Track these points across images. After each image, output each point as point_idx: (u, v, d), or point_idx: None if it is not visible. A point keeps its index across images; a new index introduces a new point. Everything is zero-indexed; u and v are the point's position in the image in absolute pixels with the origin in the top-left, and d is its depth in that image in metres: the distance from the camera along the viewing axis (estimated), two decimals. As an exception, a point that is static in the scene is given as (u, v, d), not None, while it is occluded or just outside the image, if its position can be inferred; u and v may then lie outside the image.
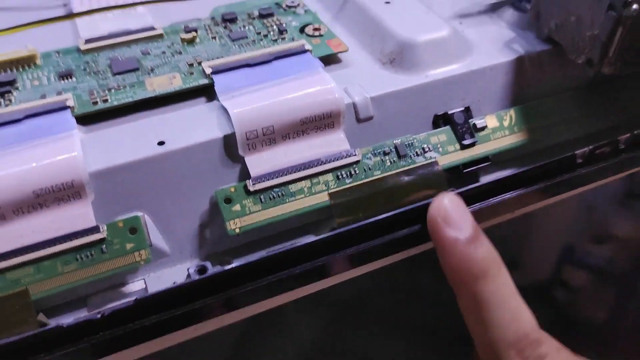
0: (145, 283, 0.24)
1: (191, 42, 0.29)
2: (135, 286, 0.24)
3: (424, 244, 0.25)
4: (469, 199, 0.25)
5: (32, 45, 0.28)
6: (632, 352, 0.54)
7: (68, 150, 0.23)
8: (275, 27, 0.30)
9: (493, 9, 0.31)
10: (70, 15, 0.29)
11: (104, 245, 0.22)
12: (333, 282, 0.25)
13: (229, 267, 0.22)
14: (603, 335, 0.54)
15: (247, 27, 0.30)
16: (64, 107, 0.25)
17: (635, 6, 0.24)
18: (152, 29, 0.30)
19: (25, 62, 0.28)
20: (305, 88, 0.25)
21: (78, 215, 0.22)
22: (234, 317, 0.23)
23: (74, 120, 0.24)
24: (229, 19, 0.30)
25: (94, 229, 0.22)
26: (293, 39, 0.29)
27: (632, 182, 0.75)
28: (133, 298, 0.21)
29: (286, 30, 0.29)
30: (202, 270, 0.22)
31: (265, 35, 0.29)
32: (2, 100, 0.25)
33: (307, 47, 0.28)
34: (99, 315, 0.21)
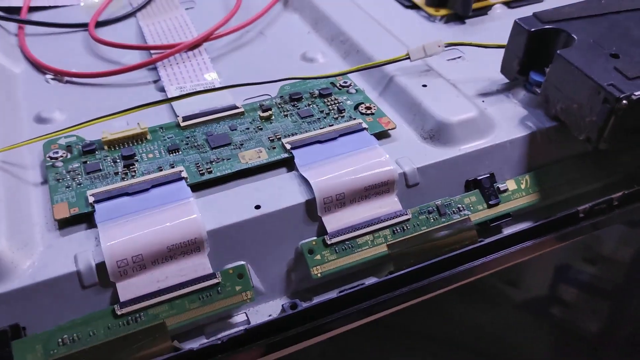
0: (246, 315, 0.30)
1: (268, 119, 0.36)
2: (240, 318, 0.30)
3: (459, 283, 0.32)
4: (494, 247, 0.33)
5: (137, 122, 0.35)
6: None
7: (190, 214, 0.29)
8: (335, 106, 0.37)
9: (508, 88, 0.39)
10: (169, 99, 0.36)
11: (219, 288, 0.29)
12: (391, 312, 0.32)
13: (313, 303, 0.29)
14: (596, 346, 0.60)
15: (311, 106, 0.37)
16: (180, 178, 0.31)
17: (624, 102, 0.31)
18: (235, 107, 0.37)
19: (139, 138, 0.35)
20: (367, 161, 0.32)
21: (199, 265, 0.29)
22: (316, 340, 0.30)
23: (189, 189, 0.31)
24: (296, 98, 0.37)
25: (211, 275, 0.29)
26: (350, 117, 0.36)
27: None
28: (242, 328, 0.28)
29: (344, 109, 0.36)
30: (293, 306, 0.29)
31: (328, 114, 0.36)
32: (128, 171, 0.32)
33: (364, 125, 0.35)
34: (219, 342, 0.27)
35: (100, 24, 0.47)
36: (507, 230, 0.34)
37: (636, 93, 0.31)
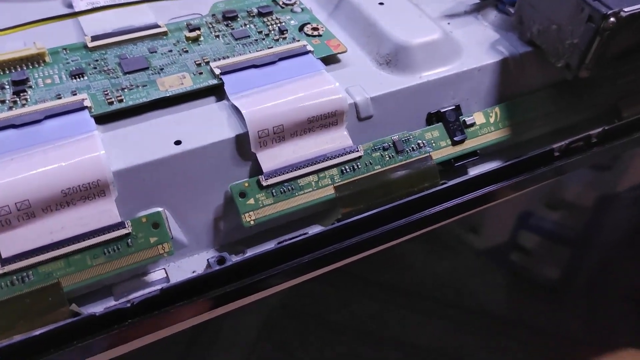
0: (166, 272, 0.25)
1: (196, 40, 0.30)
2: (157, 275, 0.25)
3: (417, 232, 0.28)
4: (458, 191, 0.28)
5: (37, 41, 0.29)
6: (582, 307, 0.58)
7: (92, 151, 0.24)
8: (276, 26, 0.31)
9: (478, 9, 0.34)
10: (73, 14, 0.30)
11: (130, 240, 0.24)
12: (336, 267, 0.27)
13: (245, 257, 0.25)
14: (556, 293, 0.59)
15: (248, 26, 0.31)
16: (82, 108, 0.26)
17: (612, 19, 0.26)
18: (157, 26, 0.31)
19: (35, 60, 0.28)
20: (312, 89, 0.27)
21: (104, 212, 0.24)
22: (246, 301, 0.25)
23: (93, 121, 0.25)
24: (230, 17, 0.32)
25: (120, 225, 0.24)
26: (294, 39, 0.30)
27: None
28: (158, 287, 0.23)
29: (287, 30, 0.31)
30: (220, 260, 0.24)
31: (267, 35, 0.31)
32: (18, 99, 0.26)
33: (309, 48, 0.29)
34: (128, 305, 0.23)
35: None
36: (474, 171, 0.30)
37: (626, 9, 0.26)
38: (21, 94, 0.27)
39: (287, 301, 0.29)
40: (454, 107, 0.29)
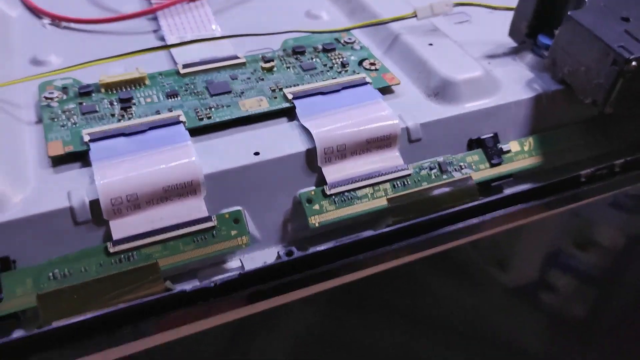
0: (241, 262, 0.30)
1: (270, 70, 0.35)
2: (234, 264, 0.30)
3: (458, 241, 0.32)
4: (494, 206, 0.32)
5: (138, 67, 0.34)
6: (611, 348, 0.60)
7: (188, 157, 0.29)
8: (339, 60, 0.36)
9: (515, 52, 0.38)
10: (168, 46, 0.35)
11: (215, 231, 0.28)
12: (387, 268, 0.31)
13: (309, 252, 0.29)
14: (585, 333, 0.60)
15: (314, 59, 0.36)
16: (178, 122, 0.31)
17: (634, 63, 0.30)
18: (236, 57, 0.36)
19: (137, 82, 0.34)
20: (370, 114, 0.31)
21: (195, 207, 0.29)
22: (311, 290, 0.30)
23: (187, 133, 0.30)
24: (298, 52, 0.37)
25: (207, 219, 0.28)
26: (354, 72, 0.35)
27: (615, 194, 0.82)
28: (237, 272, 0.28)
29: (348, 64, 0.36)
30: (289, 253, 0.29)
31: (331, 67, 0.35)
32: (125, 114, 0.32)
33: (368, 79, 0.34)
34: (212, 284, 0.27)
35: (100, -28, 0.46)
36: (508, 191, 0.34)
37: (646, 55, 0.30)
38: (127, 110, 0.32)
39: (339, 299, 0.33)
40: (492, 135, 0.34)
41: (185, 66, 0.35)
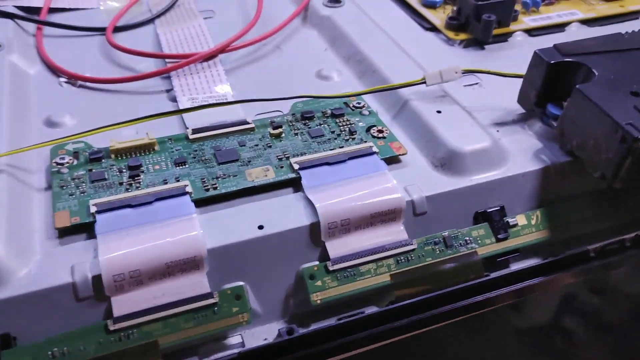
0: (242, 338, 0.30)
1: (278, 136, 0.35)
2: (234, 340, 0.30)
3: (463, 317, 0.31)
4: (500, 283, 0.32)
5: (146, 131, 0.35)
6: None
7: (192, 230, 0.29)
8: (347, 127, 0.36)
9: (524, 119, 0.38)
10: (179, 111, 0.36)
11: (216, 308, 0.28)
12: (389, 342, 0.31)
13: (310, 329, 0.29)
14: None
15: (322, 125, 0.36)
16: (184, 193, 0.31)
17: (642, 141, 0.30)
18: (246, 122, 0.36)
19: (147, 148, 0.34)
20: (375, 187, 0.31)
21: (197, 283, 0.29)
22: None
23: (193, 205, 0.30)
24: (307, 117, 0.37)
25: (209, 295, 0.28)
26: (361, 139, 0.35)
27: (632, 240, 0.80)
28: (236, 351, 0.28)
29: (356, 132, 0.36)
30: (290, 331, 0.29)
31: (339, 135, 0.36)
32: (132, 182, 0.32)
33: (374, 149, 0.34)
34: (211, 364, 0.27)
35: (118, 29, 0.47)
36: (515, 266, 0.33)
37: (655, 134, 0.30)
38: (135, 178, 0.32)
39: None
40: (499, 207, 0.33)
41: (194, 131, 0.35)
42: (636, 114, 0.31)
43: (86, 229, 0.30)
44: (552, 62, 0.35)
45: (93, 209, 0.30)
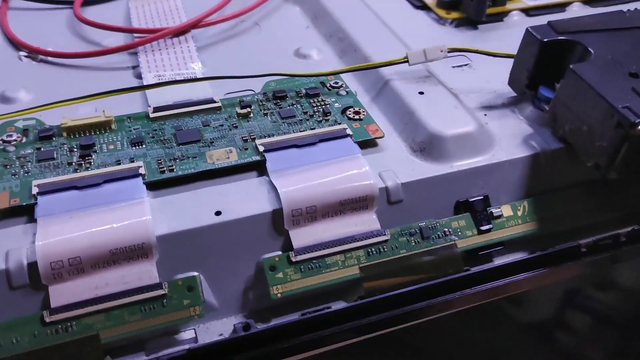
0: (195, 333, 0.27)
1: (246, 116, 0.33)
2: (187, 335, 0.27)
3: (439, 314, 0.29)
4: (481, 278, 0.29)
5: (106, 108, 0.32)
6: None
7: (141, 216, 0.26)
8: (321, 108, 0.33)
9: (515, 102, 0.35)
10: (142, 87, 0.33)
11: (165, 300, 0.26)
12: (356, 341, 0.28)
13: (269, 325, 0.26)
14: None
15: (295, 106, 0.34)
16: (137, 175, 0.28)
17: None
18: (213, 101, 0.34)
19: (102, 127, 0.32)
20: (345, 172, 0.29)
21: (144, 273, 0.26)
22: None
23: (144, 187, 0.28)
24: (279, 97, 0.34)
25: (157, 286, 0.26)
26: (336, 121, 0.32)
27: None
28: (186, 347, 0.25)
29: (330, 112, 0.33)
30: (246, 327, 0.26)
31: (312, 116, 0.33)
32: (83, 162, 0.29)
33: (348, 131, 0.31)
34: (157, 361, 0.24)
35: (87, 3, 0.44)
36: (498, 261, 0.31)
37: (655, 119, 0.27)
38: (86, 158, 0.30)
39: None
40: (482, 197, 0.31)
41: (156, 109, 0.33)
42: (634, 97, 0.28)
43: (27, 212, 0.27)
44: (546, 40, 0.32)
45: (35, 190, 0.27)
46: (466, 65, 0.38)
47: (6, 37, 0.41)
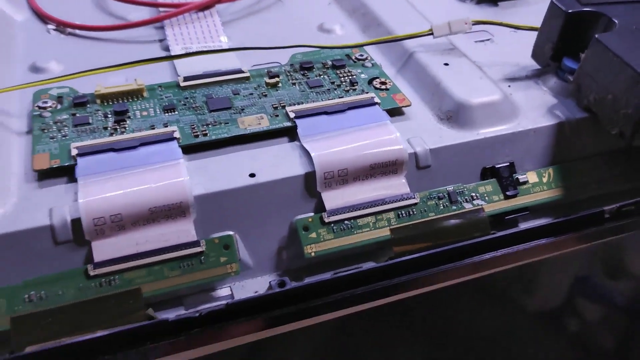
0: (231, 290, 0.28)
1: (274, 86, 0.33)
2: (223, 292, 0.28)
3: (465, 277, 0.30)
4: (507, 241, 0.30)
5: (137, 78, 0.33)
6: None
7: (178, 176, 0.27)
8: (347, 78, 0.34)
9: (538, 75, 0.36)
10: (170, 57, 0.34)
11: (202, 257, 0.27)
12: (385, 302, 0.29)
13: (303, 283, 0.27)
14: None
15: (322, 76, 0.34)
16: (172, 138, 0.29)
17: (665, 93, 0.28)
18: (241, 71, 0.34)
19: (135, 94, 0.32)
20: (376, 138, 0.29)
21: (183, 231, 0.27)
22: (300, 325, 0.27)
23: (180, 150, 0.29)
24: (306, 67, 0.35)
25: (195, 243, 0.27)
26: (363, 91, 0.33)
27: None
28: (224, 302, 0.26)
29: (357, 82, 0.34)
30: (281, 284, 0.27)
31: (339, 85, 0.34)
32: (118, 127, 0.30)
33: (376, 99, 0.32)
34: (197, 314, 0.25)
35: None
36: (524, 225, 0.31)
37: (680, 85, 0.28)
38: (121, 123, 0.30)
39: (336, 332, 0.31)
40: (508, 164, 0.31)
41: (186, 79, 0.34)
42: (659, 64, 0.29)
43: (67, 173, 0.28)
44: (570, 11, 0.33)
45: (74, 152, 0.28)
46: (488, 40, 0.39)
47: (33, 11, 0.41)
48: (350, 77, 0.34)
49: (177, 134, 0.29)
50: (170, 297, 0.27)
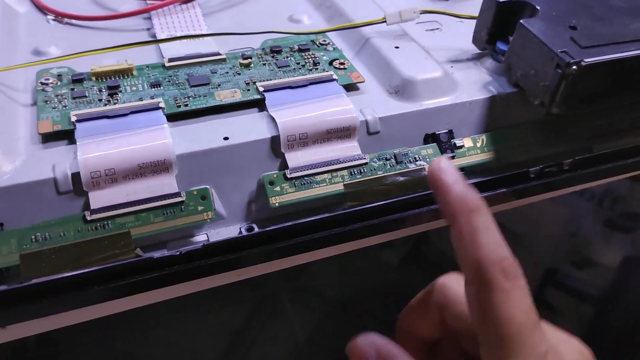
0: (207, 236, 0.33)
1: (247, 66, 0.38)
2: (201, 238, 0.33)
3: (409, 228, 0.35)
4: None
5: (127, 59, 0.38)
6: None
7: (163, 138, 0.32)
8: (311, 60, 0.39)
9: (478, 57, 0.41)
10: (156, 41, 0.39)
11: (183, 206, 0.31)
12: (340, 251, 0.34)
13: (268, 228, 0.32)
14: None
15: (289, 58, 0.39)
16: (158, 108, 0.34)
17: (574, 67, 0.33)
18: (218, 54, 0.39)
19: (125, 73, 0.37)
20: (332, 107, 0.35)
21: (166, 184, 0.32)
22: (269, 267, 0.32)
23: (165, 118, 0.33)
24: (275, 51, 0.40)
25: (177, 194, 0.31)
26: (324, 70, 0.38)
27: (611, 212, 0.84)
28: (201, 244, 0.31)
29: (319, 63, 0.39)
30: (250, 229, 0.32)
31: (303, 65, 0.39)
32: (111, 99, 0.35)
33: (334, 77, 0.37)
34: (177, 253, 0.30)
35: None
36: (460, 183, 0.36)
37: (586, 60, 0.33)
38: (114, 96, 0.35)
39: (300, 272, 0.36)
40: (447, 131, 0.36)
41: (170, 60, 0.38)
42: (571, 44, 0.34)
43: (67, 136, 0.33)
44: (501, 1, 0.38)
45: (73, 118, 0.33)
46: (437, 29, 0.44)
47: (33, 3, 0.46)
48: (313, 59, 0.39)
49: (162, 104, 0.34)
50: (155, 241, 0.32)
